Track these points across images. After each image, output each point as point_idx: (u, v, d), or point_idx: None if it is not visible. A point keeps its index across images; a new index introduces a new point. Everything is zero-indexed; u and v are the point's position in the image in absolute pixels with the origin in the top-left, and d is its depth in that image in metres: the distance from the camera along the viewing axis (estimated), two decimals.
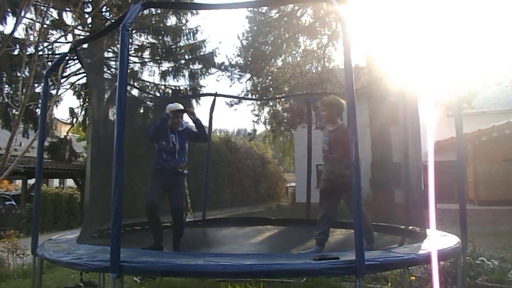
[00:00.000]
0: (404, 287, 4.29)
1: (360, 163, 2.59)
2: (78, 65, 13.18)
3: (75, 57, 7.89)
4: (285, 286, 4.78)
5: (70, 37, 13.03)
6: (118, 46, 2.72)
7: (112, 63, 14.14)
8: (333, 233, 5.03)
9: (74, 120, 15.95)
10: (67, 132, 16.39)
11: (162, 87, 16.06)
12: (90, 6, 13.60)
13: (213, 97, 6.95)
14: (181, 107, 4.34)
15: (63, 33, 13.05)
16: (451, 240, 3.51)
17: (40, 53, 6.49)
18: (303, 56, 14.27)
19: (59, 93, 10.13)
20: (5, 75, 12.99)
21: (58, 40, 13.73)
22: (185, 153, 4.36)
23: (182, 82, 16.19)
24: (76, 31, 12.91)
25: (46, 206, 12.91)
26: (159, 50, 15.70)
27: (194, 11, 15.23)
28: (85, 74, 12.72)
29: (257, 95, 14.82)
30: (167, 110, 4.26)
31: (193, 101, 15.78)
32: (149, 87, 15.78)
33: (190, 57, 16.04)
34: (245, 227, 5.96)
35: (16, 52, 11.46)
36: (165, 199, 4.31)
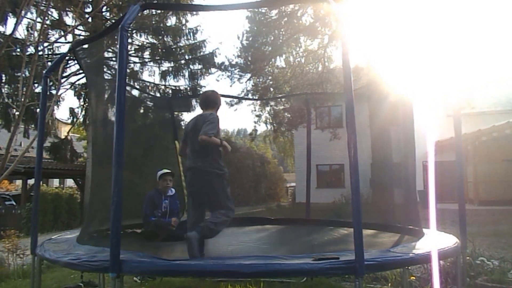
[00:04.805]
0: (404, 287, 4.29)
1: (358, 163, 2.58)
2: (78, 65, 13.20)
3: (75, 57, 7.88)
4: (285, 286, 4.78)
5: (70, 37, 13.07)
6: (118, 46, 2.72)
7: (113, 63, 14.14)
8: (333, 233, 5.03)
9: (75, 120, 15.97)
10: (68, 132, 16.41)
11: (162, 87, 16.07)
12: (90, 6, 13.60)
13: None
14: (167, 170, 4.91)
15: (63, 33, 13.07)
16: (449, 240, 3.52)
17: (40, 53, 6.48)
18: (303, 56, 14.27)
19: (59, 93, 10.15)
20: (5, 75, 13.01)
21: (58, 40, 13.76)
22: (177, 213, 4.96)
23: (182, 82, 16.21)
24: (76, 31, 12.93)
25: (46, 206, 12.91)
26: (159, 50, 15.70)
27: (194, 12, 15.25)
28: (84, 74, 12.72)
29: (257, 95, 14.82)
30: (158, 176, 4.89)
31: (193, 101, 15.78)
32: (149, 87, 15.79)
33: (190, 57, 16.04)
34: (245, 227, 5.95)
35: (16, 52, 11.47)
36: None
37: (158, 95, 15.44)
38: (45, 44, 10.48)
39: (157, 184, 4.95)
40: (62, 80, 10.89)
